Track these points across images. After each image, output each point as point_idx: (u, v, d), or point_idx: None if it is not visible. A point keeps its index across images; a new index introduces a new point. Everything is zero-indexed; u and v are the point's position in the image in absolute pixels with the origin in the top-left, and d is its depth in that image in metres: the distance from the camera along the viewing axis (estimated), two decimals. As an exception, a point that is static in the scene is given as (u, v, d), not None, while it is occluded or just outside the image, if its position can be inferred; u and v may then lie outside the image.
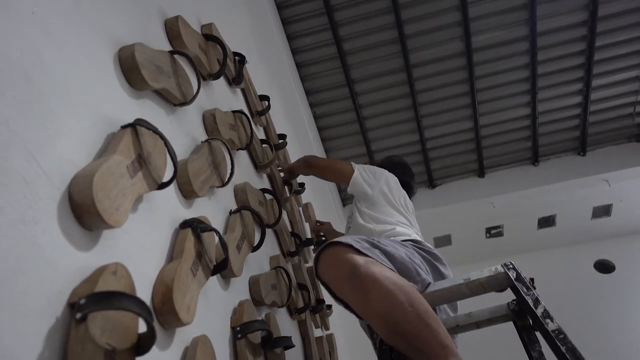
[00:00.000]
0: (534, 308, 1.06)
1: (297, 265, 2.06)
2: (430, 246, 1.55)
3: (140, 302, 0.70)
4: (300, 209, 2.60)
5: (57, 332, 0.66)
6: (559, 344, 0.95)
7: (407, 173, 2.17)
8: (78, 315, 0.66)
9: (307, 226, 2.65)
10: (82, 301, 0.67)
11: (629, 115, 4.40)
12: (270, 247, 1.84)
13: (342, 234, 2.58)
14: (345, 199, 4.81)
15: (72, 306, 0.68)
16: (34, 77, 0.76)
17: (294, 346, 1.46)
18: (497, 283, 1.19)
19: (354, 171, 1.96)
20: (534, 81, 4.09)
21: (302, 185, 2.56)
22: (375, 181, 1.92)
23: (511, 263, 1.20)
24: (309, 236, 2.53)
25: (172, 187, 1.12)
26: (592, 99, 4.21)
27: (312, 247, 2.44)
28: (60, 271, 0.70)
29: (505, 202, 4.53)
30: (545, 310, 1.05)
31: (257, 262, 1.61)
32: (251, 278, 1.47)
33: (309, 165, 2.24)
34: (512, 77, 4.14)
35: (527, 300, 1.09)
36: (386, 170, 2.02)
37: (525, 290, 1.12)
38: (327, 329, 2.36)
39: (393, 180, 1.96)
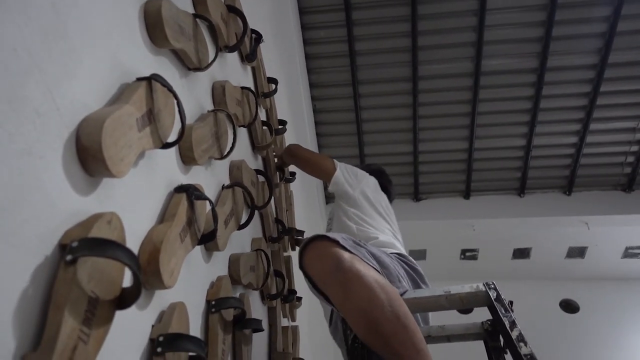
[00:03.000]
0: (509, 330, 1.07)
1: (277, 252, 2.05)
2: (415, 263, 1.55)
3: (132, 255, 0.69)
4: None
5: (45, 270, 0.65)
6: (528, 368, 0.96)
7: (385, 178, 2.16)
8: (69, 258, 0.65)
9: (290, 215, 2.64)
10: (75, 244, 0.66)
11: (619, 164, 4.47)
12: (254, 229, 1.83)
13: None
14: (329, 197, 4.81)
15: (63, 248, 0.67)
16: (62, 8, 0.74)
17: (263, 330, 1.45)
18: (476, 300, 1.20)
19: (336, 169, 1.95)
20: (534, 114, 4.13)
21: (293, 174, 2.55)
22: (356, 182, 1.91)
23: (493, 283, 1.21)
24: (292, 225, 2.52)
25: (173, 150, 1.11)
26: (587, 142, 4.26)
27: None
28: (56, 210, 0.69)
29: (485, 227, 4.58)
30: (520, 333, 1.05)
31: (239, 242, 1.60)
32: (232, 256, 1.46)
33: (291, 154, 2.20)
34: (514, 106, 4.18)
35: (504, 321, 1.10)
36: (367, 173, 2.01)
37: (503, 311, 1.13)
38: (293, 320, 2.36)
39: (373, 182, 1.96)
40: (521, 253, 4.81)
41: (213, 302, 1.20)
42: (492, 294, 1.18)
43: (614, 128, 4.24)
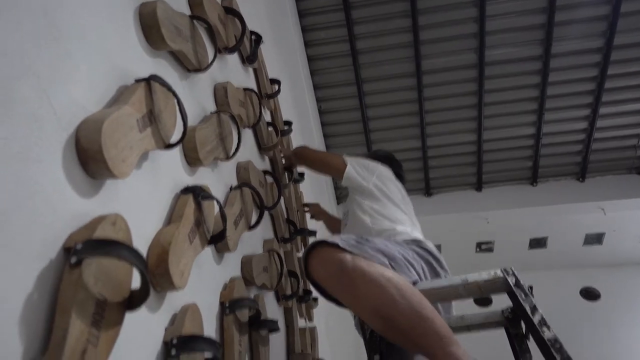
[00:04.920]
0: (531, 315, 1.04)
1: (289, 253, 2.04)
2: (433, 247, 1.51)
3: (138, 255, 0.68)
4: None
5: (50, 275, 0.64)
6: (554, 353, 0.93)
7: (395, 164, 2.10)
8: (73, 260, 0.64)
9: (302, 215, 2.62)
10: (79, 246, 0.65)
11: (632, 147, 4.40)
12: (265, 230, 1.81)
13: (329, 214, 2.54)
14: (341, 197, 4.79)
15: (68, 251, 0.66)
16: (53, 14, 0.73)
17: (279, 330, 1.44)
18: (495, 287, 1.17)
19: (346, 165, 1.92)
20: (542, 102, 4.08)
21: (302, 175, 2.54)
22: (368, 174, 1.88)
23: (511, 269, 1.19)
24: (304, 226, 2.50)
25: (177, 152, 1.10)
26: (597, 126, 4.20)
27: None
28: (58, 214, 0.68)
29: (499, 218, 4.52)
30: (542, 318, 1.03)
31: (250, 243, 1.59)
32: (244, 257, 1.45)
33: (300, 156, 2.18)
34: (520, 95, 4.13)
35: (525, 306, 1.07)
36: (379, 163, 1.98)
37: (523, 296, 1.10)
38: (310, 320, 2.34)
39: (387, 172, 1.92)
40: (538, 243, 4.75)
41: (227, 304, 1.19)
42: (511, 280, 1.15)
43: (624, 111, 4.17)
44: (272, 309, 1.69)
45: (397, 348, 1.10)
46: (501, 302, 1.28)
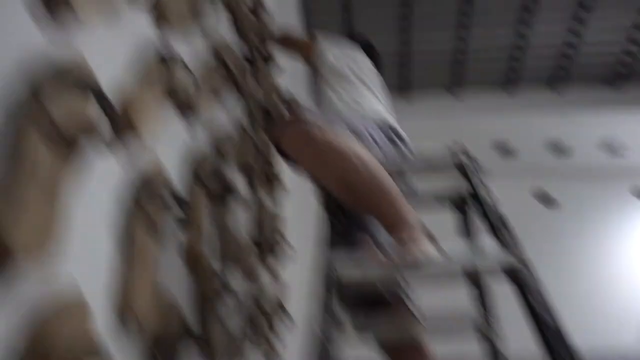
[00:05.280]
0: (480, 191, 1.11)
1: (263, 139, 2.06)
2: (401, 131, 1.49)
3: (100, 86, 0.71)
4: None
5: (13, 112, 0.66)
6: (500, 229, 0.98)
7: (374, 51, 1.99)
8: (39, 94, 0.66)
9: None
10: (44, 82, 0.67)
11: (610, 62, 4.42)
12: (239, 115, 1.83)
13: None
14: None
15: (35, 94, 0.67)
16: None
17: (241, 198, 1.49)
18: (446, 162, 1.23)
19: (319, 41, 1.84)
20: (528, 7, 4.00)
21: (278, 66, 2.51)
22: (343, 55, 1.78)
23: (462, 144, 1.24)
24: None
25: (147, 16, 1.09)
26: (583, 37, 4.18)
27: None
28: (22, 53, 0.69)
29: (472, 123, 4.61)
30: (490, 195, 1.09)
31: (223, 125, 1.60)
32: (215, 131, 1.48)
33: (274, 36, 2.14)
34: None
35: (475, 181, 1.14)
36: (356, 47, 1.89)
37: (474, 172, 1.16)
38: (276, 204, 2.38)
39: (361, 57, 1.82)
40: (504, 149, 4.87)
41: (197, 173, 1.23)
42: (463, 154, 1.21)
43: (608, 27, 4.13)
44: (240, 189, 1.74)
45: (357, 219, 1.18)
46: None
